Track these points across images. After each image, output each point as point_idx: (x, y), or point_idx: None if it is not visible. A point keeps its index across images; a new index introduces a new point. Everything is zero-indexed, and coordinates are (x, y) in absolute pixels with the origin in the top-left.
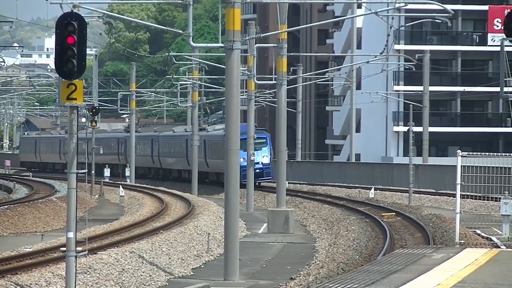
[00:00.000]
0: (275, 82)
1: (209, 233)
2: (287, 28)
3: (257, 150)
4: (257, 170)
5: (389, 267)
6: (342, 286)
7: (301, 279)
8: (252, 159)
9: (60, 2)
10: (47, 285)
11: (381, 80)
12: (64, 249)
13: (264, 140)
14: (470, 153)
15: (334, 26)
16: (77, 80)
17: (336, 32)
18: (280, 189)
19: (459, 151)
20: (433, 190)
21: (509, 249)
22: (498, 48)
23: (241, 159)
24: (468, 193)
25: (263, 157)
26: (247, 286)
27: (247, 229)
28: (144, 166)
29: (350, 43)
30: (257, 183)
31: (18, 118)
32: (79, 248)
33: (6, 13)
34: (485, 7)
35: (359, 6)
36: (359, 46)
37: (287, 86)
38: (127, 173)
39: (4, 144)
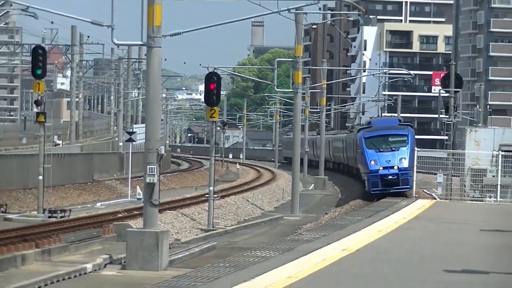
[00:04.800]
0: (319, 109)
1: (283, 189)
2: (326, 81)
3: (393, 150)
4: (390, 177)
5: (378, 208)
6: (352, 217)
7: (331, 214)
8: (386, 161)
9: (208, 66)
10: (198, 214)
11: (375, 110)
12: (207, 195)
13: (404, 138)
14: (422, 149)
15: (350, 81)
16: (215, 107)
17: (352, 84)
18: (321, 164)
19: (416, 148)
20: None
21: (441, 200)
22: (437, 94)
23: (372, 162)
24: (421, 170)
25: (400, 159)
26: (303, 217)
27: (303, 187)
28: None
29: (359, 90)
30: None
31: (184, 126)
32: (215, 195)
33: (177, 70)
34: (431, 72)
35: (364, 71)
36: (364, 92)
37: (326, 112)
38: (241, 156)
39: (177, 140)
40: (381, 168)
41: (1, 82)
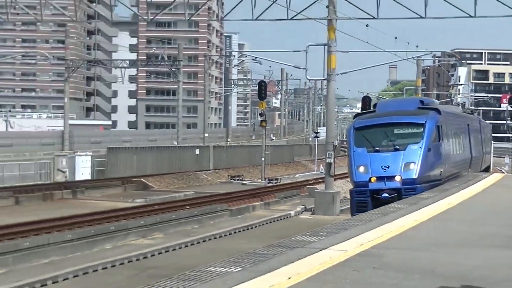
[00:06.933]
0: None
1: None
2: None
3: (397, 149)
4: (386, 195)
5: (467, 179)
6: (454, 183)
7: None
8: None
9: (363, 92)
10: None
11: None
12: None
13: (420, 130)
14: (496, 142)
15: (450, 101)
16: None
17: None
18: None
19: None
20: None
21: (508, 174)
22: (505, 108)
23: (360, 168)
24: (496, 156)
25: (405, 165)
26: None
27: None
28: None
29: None
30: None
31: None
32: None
33: (344, 94)
34: (501, 95)
35: (459, 95)
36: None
37: None
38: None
39: (344, 137)
40: (373, 179)
41: (239, 102)
